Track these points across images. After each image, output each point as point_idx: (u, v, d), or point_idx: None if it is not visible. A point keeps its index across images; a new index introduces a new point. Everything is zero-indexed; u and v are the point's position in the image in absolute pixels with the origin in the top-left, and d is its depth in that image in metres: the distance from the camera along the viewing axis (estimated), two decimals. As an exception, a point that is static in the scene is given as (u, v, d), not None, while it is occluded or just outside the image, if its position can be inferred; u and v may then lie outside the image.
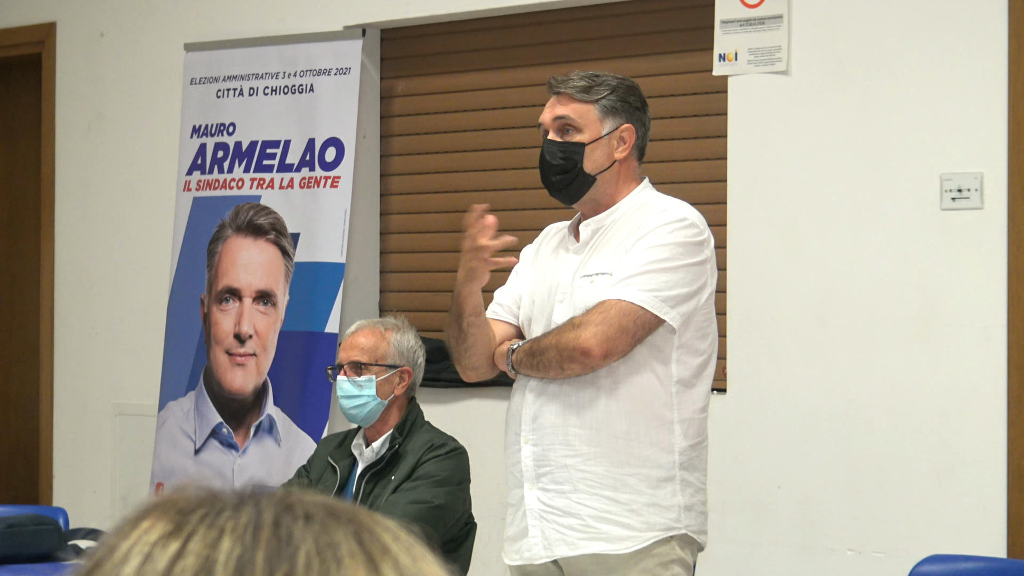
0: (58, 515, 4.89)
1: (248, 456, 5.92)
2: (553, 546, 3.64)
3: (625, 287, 3.57)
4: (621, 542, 3.60)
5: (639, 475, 3.60)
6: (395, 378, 4.26)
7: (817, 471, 4.82)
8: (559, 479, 3.63)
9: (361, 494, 4.18)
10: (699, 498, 3.69)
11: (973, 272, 4.60)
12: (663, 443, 3.61)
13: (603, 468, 3.61)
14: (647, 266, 3.58)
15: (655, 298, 3.56)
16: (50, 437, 6.82)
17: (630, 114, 3.73)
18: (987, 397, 4.57)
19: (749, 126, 4.98)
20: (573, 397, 3.63)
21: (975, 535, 4.57)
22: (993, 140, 4.57)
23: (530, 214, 5.55)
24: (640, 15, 5.36)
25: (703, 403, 3.69)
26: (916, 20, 4.69)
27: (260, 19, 6.10)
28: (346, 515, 0.95)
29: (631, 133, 3.72)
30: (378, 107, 5.96)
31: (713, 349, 3.72)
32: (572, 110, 3.71)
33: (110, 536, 0.94)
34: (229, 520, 0.93)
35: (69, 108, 6.76)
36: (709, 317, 3.69)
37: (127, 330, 6.55)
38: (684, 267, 3.60)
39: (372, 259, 5.97)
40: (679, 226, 3.62)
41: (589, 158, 3.69)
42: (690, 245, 3.62)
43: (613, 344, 3.54)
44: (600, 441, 3.61)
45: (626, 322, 3.54)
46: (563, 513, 3.63)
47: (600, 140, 3.70)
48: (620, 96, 3.73)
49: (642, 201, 3.71)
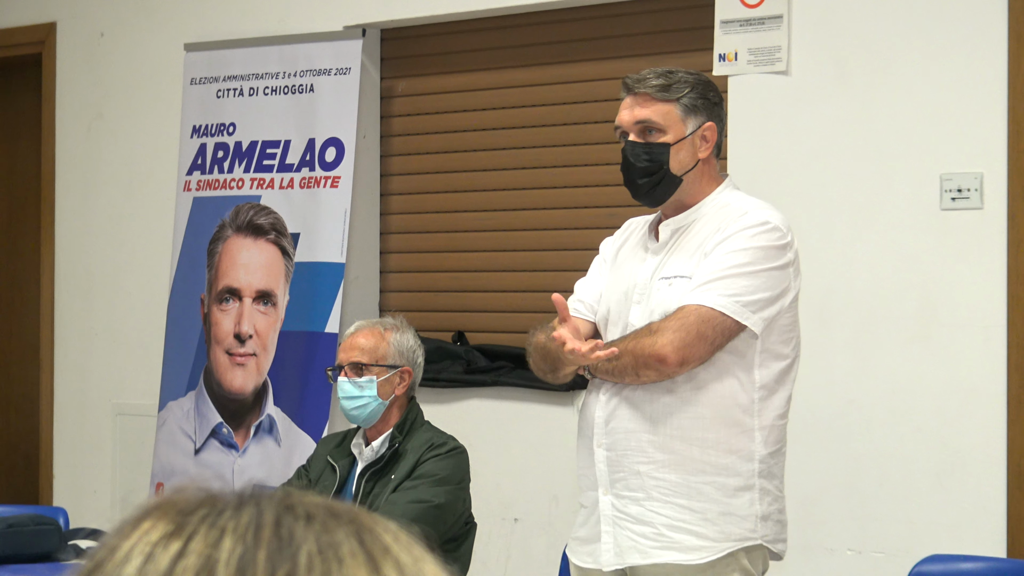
0: (58, 515, 4.89)
1: (248, 456, 5.91)
2: (625, 553, 3.56)
3: (705, 292, 3.47)
4: (695, 552, 3.51)
5: (715, 483, 3.51)
6: (396, 378, 4.26)
7: (817, 471, 4.82)
8: (632, 486, 3.55)
9: (361, 493, 4.18)
10: (776, 506, 3.60)
11: (973, 272, 4.59)
12: (743, 451, 3.52)
13: (677, 476, 3.52)
14: (728, 270, 3.48)
15: (736, 303, 3.46)
16: (50, 437, 6.82)
17: (710, 111, 3.64)
18: (987, 397, 4.57)
19: (749, 126, 4.98)
20: (647, 402, 3.54)
21: (975, 535, 4.57)
22: (993, 140, 4.57)
23: (530, 214, 5.56)
24: (640, 15, 5.36)
25: (784, 409, 3.59)
26: (916, 20, 4.69)
27: (260, 19, 6.10)
28: (347, 515, 0.95)
29: (713, 131, 3.64)
30: (378, 107, 5.96)
31: (796, 353, 3.62)
32: (654, 111, 3.59)
33: (111, 537, 0.95)
34: (230, 520, 0.93)
35: (69, 108, 6.76)
36: (793, 321, 3.58)
37: (127, 330, 6.55)
38: (766, 271, 3.50)
39: (372, 259, 5.97)
40: (761, 230, 3.52)
41: (675, 159, 3.59)
42: (772, 249, 3.52)
43: (690, 351, 3.44)
44: (674, 448, 3.51)
45: (704, 328, 3.44)
46: (636, 520, 3.55)
47: (684, 140, 3.60)
48: (700, 93, 3.62)
49: (724, 202, 3.61)
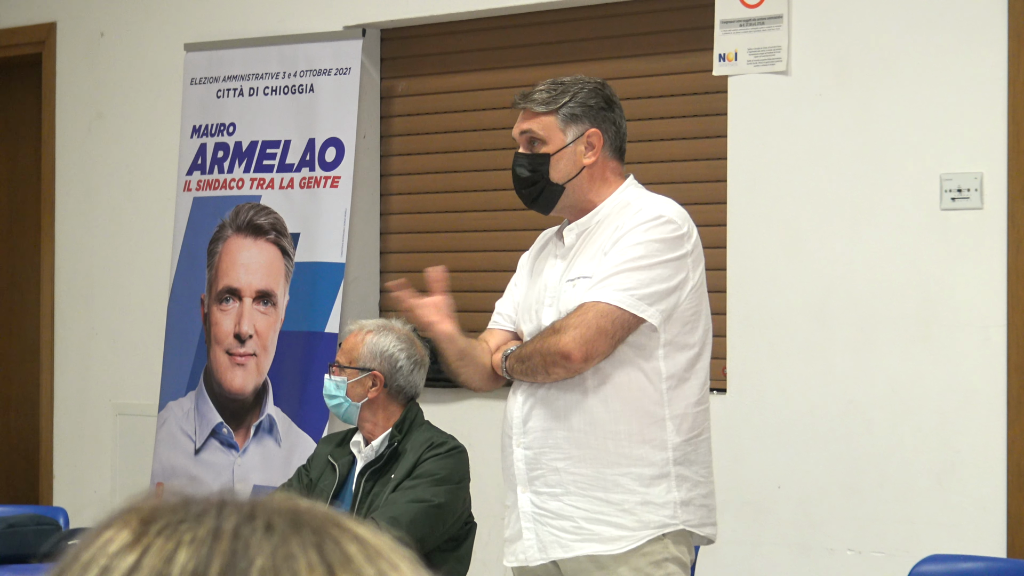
0: (58, 515, 4.89)
1: (248, 456, 5.92)
2: (548, 548, 3.65)
3: (601, 288, 3.57)
4: (614, 542, 3.60)
5: (631, 474, 3.60)
6: (367, 381, 4.26)
7: (817, 471, 4.82)
8: (551, 482, 3.64)
9: (361, 492, 4.18)
10: (699, 491, 3.67)
11: (973, 272, 4.59)
12: (655, 440, 3.60)
13: (593, 470, 3.61)
14: (622, 265, 3.57)
15: (631, 297, 3.55)
16: (50, 437, 6.82)
17: (594, 117, 3.71)
18: (987, 397, 4.57)
19: (749, 126, 4.98)
20: (560, 400, 3.63)
21: (975, 535, 4.57)
22: (993, 140, 4.57)
23: (530, 214, 5.55)
24: (640, 15, 5.36)
25: (697, 397, 3.67)
26: (916, 20, 4.69)
27: (260, 19, 6.10)
28: (312, 524, 0.93)
29: (598, 137, 3.71)
30: (378, 107, 5.96)
31: (705, 341, 3.69)
32: (535, 123, 3.72)
33: (77, 544, 0.94)
34: (188, 532, 0.92)
35: (69, 108, 6.76)
36: (696, 310, 3.66)
37: (127, 330, 6.55)
38: (661, 264, 3.58)
39: (372, 259, 5.97)
40: (654, 224, 3.60)
41: (555, 168, 3.71)
42: (667, 241, 3.60)
43: (592, 346, 3.54)
44: (589, 443, 3.61)
45: (604, 323, 3.54)
46: (556, 516, 3.64)
47: (565, 149, 3.70)
48: (580, 101, 3.70)
49: (624, 201, 3.70)
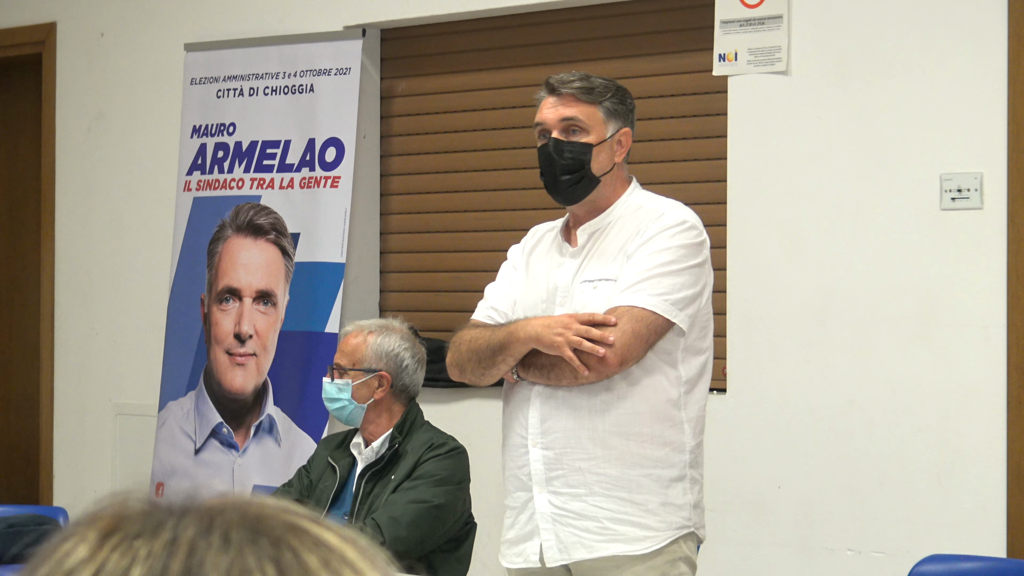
0: (58, 515, 4.89)
1: (248, 456, 5.92)
2: (570, 549, 3.63)
3: (635, 293, 3.57)
4: (640, 542, 3.61)
5: (652, 475, 3.61)
6: (373, 382, 4.25)
7: (817, 471, 4.82)
8: (572, 482, 3.62)
9: (361, 494, 4.18)
10: (702, 495, 3.74)
11: (973, 272, 4.59)
12: (675, 443, 3.64)
13: (617, 470, 3.61)
14: (653, 270, 3.59)
15: (665, 302, 3.57)
16: (50, 437, 6.82)
17: (626, 117, 3.75)
18: (987, 397, 4.57)
19: (749, 126, 4.98)
20: (584, 400, 3.62)
21: (975, 535, 4.57)
22: (993, 140, 4.57)
23: (530, 214, 5.55)
24: (640, 15, 5.36)
25: (704, 400, 3.73)
26: (916, 20, 4.69)
27: (260, 19, 6.10)
28: (271, 534, 0.91)
29: (628, 137, 3.75)
30: (378, 107, 5.96)
31: (711, 346, 3.75)
32: (579, 111, 3.69)
33: (36, 558, 0.93)
34: (143, 546, 0.90)
35: (69, 108, 6.76)
36: (709, 316, 3.71)
37: (127, 330, 6.55)
38: (687, 269, 3.62)
39: (372, 259, 5.97)
40: (680, 229, 3.63)
41: (596, 160, 3.69)
42: (691, 247, 3.64)
43: (629, 351, 3.54)
44: (613, 444, 3.61)
45: (639, 328, 3.54)
46: (579, 516, 3.62)
47: (605, 142, 3.70)
48: (619, 99, 3.74)
49: (637, 204, 3.72)
